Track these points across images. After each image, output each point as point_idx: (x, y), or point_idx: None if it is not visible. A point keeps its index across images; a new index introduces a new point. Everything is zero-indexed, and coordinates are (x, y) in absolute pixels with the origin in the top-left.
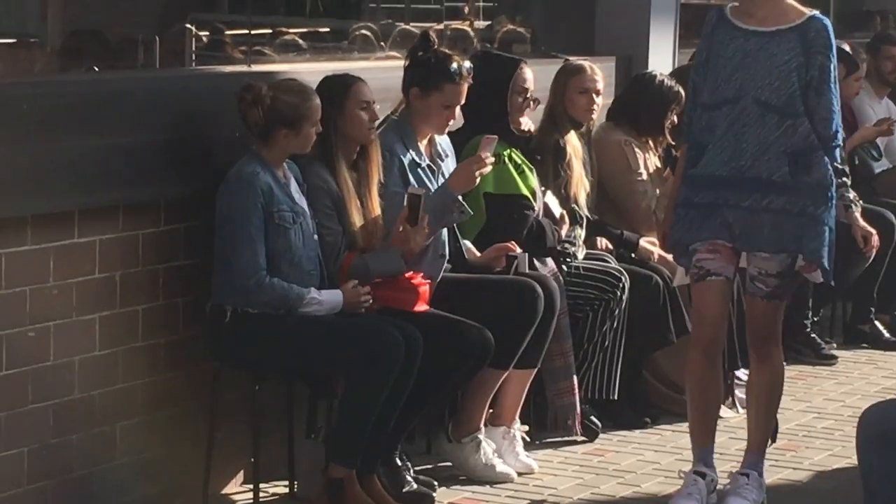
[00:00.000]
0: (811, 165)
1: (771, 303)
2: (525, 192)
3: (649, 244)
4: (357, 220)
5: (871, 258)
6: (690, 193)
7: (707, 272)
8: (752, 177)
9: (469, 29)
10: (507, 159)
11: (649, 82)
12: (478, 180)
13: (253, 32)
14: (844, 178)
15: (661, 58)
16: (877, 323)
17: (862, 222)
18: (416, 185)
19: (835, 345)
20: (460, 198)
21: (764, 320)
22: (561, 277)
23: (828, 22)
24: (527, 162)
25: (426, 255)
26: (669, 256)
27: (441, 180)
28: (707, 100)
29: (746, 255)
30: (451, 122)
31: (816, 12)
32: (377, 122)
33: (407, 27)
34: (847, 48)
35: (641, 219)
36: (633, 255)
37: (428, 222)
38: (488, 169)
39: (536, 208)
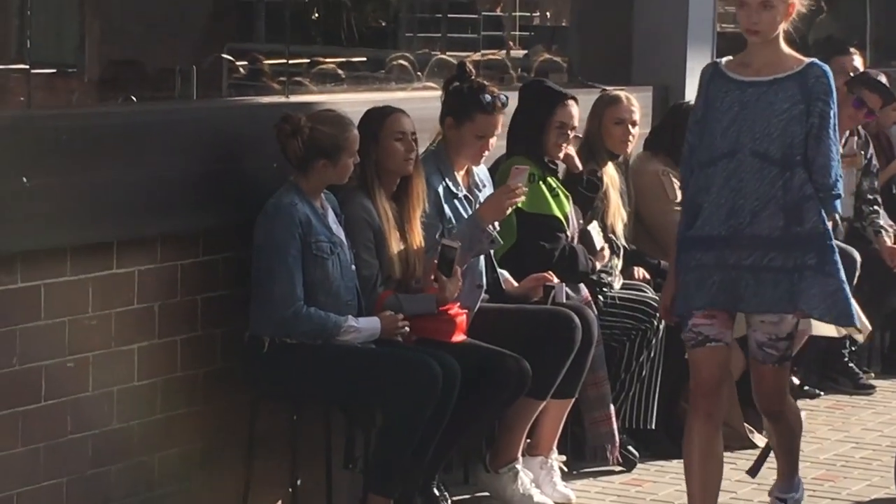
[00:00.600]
0: (803, 216)
1: (782, 367)
2: (558, 214)
3: None
4: (396, 252)
5: None
6: (688, 258)
7: (706, 338)
8: (752, 234)
9: (506, 59)
10: (541, 181)
11: (686, 112)
12: (508, 211)
13: (290, 62)
14: (876, 207)
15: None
16: None
17: (890, 243)
18: (452, 217)
19: (872, 374)
20: (491, 227)
21: (776, 384)
22: (594, 306)
23: (827, 68)
24: (563, 189)
25: (463, 286)
26: None
27: None
28: (703, 157)
29: (747, 318)
30: (487, 153)
31: (815, 59)
32: (416, 153)
33: (443, 57)
34: (884, 79)
35: None
36: None
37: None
38: (521, 199)
39: (569, 233)
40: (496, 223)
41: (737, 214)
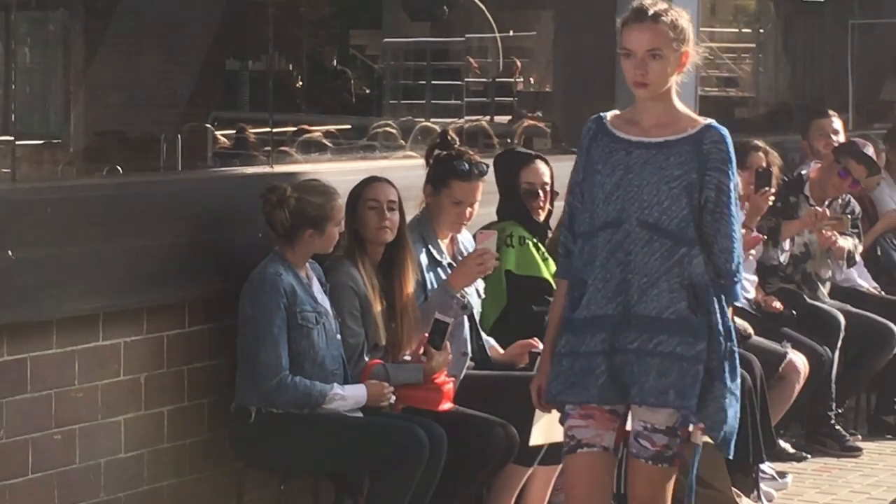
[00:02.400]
0: (697, 302)
1: (658, 467)
2: (547, 276)
3: None
4: (382, 320)
5: (894, 351)
6: (573, 340)
7: (578, 443)
8: (640, 314)
9: (488, 126)
10: (530, 242)
11: None
12: (478, 277)
13: (275, 130)
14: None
15: None
16: None
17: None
18: (435, 285)
19: (859, 436)
20: (461, 294)
21: (650, 489)
22: None
23: (725, 132)
24: (545, 252)
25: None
26: None
27: None
28: (585, 226)
29: (632, 408)
30: (467, 221)
31: (712, 121)
32: (398, 222)
33: (427, 124)
34: (870, 150)
35: None
36: None
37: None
38: (491, 265)
39: None
40: (480, 289)
41: (625, 291)
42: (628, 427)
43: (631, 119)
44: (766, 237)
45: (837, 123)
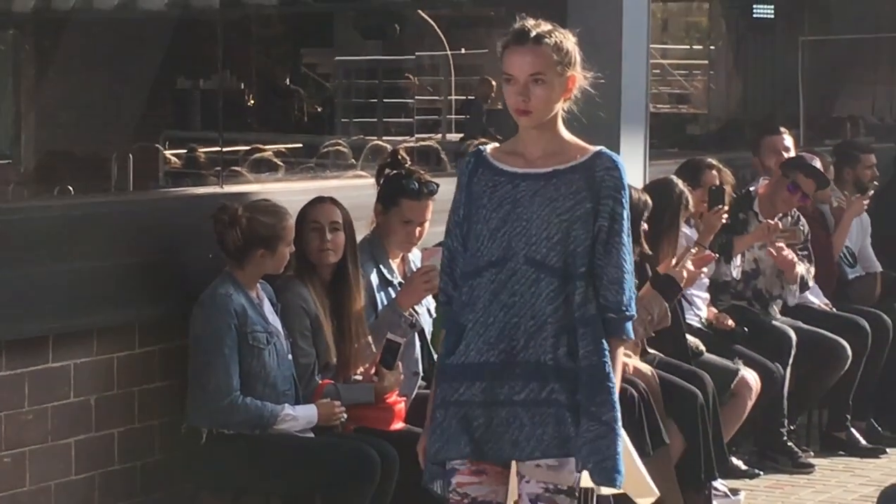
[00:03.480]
0: (577, 342)
1: None
2: None
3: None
4: (332, 340)
5: (846, 367)
6: (447, 390)
7: (473, 501)
8: (527, 360)
9: (438, 145)
10: None
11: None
12: (425, 295)
13: (226, 150)
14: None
15: (632, 170)
16: (853, 430)
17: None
18: (385, 303)
19: (812, 453)
20: (409, 313)
21: None
22: None
23: (618, 158)
24: None
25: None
26: (644, 367)
27: None
28: (467, 266)
29: (518, 468)
30: (417, 241)
31: (603, 148)
32: (345, 243)
33: (379, 143)
34: (818, 163)
35: None
36: None
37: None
38: (437, 282)
39: None
40: (432, 308)
41: (510, 336)
42: (519, 489)
43: (514, 150)
44: (718, 255)
45: (788, 140)
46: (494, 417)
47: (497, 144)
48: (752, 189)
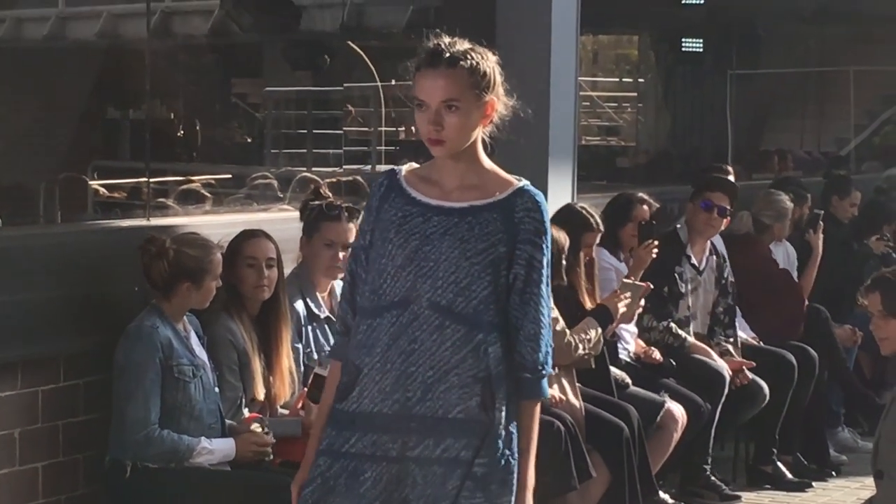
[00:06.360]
0: (498, 402)
1: None
2: None
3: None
4: (260, 374)
5: (765, 402)
6: (336, 438)
7: None
8: (423, 414)
9: (362, 179)
10: None
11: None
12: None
13: (154, 180)
14: (729, 330)
15: (560, 202)
16: (779, 464)
17: (735, 363)
18: (312, 338)
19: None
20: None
21: None
22: None
23: (541, 198)
24: None
25: None
26: (574, 401)
27: None
28: (367, 303)
29: None
30: (342, 265)
31: (525, 183)
32: (277, 278)
33: (307, 174)
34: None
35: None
36: None
37: None
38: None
39: None
40: None
41: (405, 386)
42: None
43: (429, 177)
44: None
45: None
46: (385, 474)
47: (415, 165)
48: (678, 227)
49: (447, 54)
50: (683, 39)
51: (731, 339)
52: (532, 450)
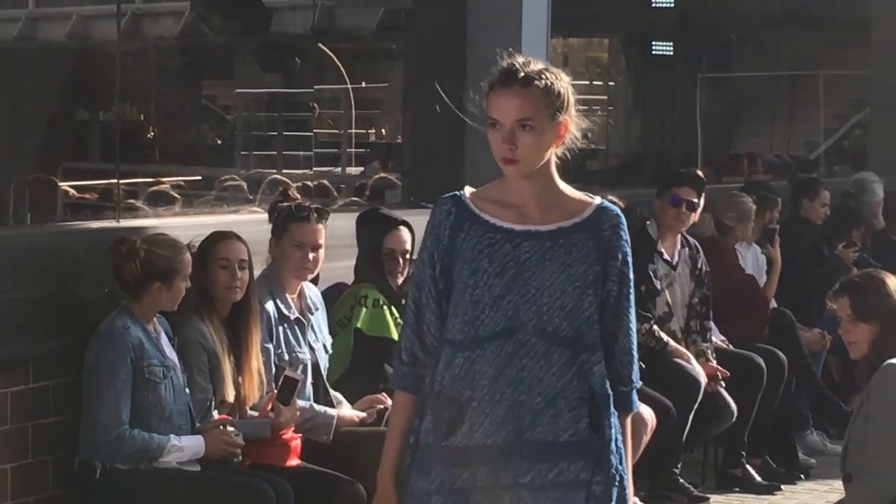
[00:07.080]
0: (608, 418)
1: None
2: (396, 337)
3: None
4: (230, 376)
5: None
6: (447, 476)
7: None
8: (535, 440)
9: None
10: (385, 307)
11: None
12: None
13: (124, 181)
14: (705, 323)
15: None
16: (748, 467)
17: (710, 368)
18: (282, 340)
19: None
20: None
21: None
22: None
23: (621, 214)
24: (398, 317)
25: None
26: None
27: (310, 333)
28: (461, 335)
29: None
30: (311, 266)
31: (603, 200)
32: (247, 280)
33: (278, 176)
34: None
35: None
36: None
37: None
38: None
39: None
40: (328, 344)
41: (518, 415)
42: None
43: (500, 200)
44: None
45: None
46: (497, 502)
47: (473, 190)
48: (647, 223)
49: (521, 73)
50: (654, 43)
51: (708, 336)
52: (631, 461)
